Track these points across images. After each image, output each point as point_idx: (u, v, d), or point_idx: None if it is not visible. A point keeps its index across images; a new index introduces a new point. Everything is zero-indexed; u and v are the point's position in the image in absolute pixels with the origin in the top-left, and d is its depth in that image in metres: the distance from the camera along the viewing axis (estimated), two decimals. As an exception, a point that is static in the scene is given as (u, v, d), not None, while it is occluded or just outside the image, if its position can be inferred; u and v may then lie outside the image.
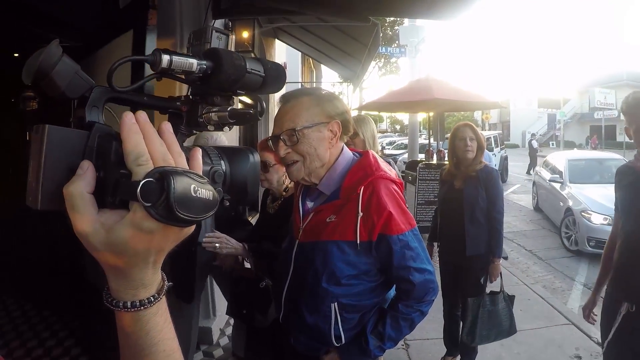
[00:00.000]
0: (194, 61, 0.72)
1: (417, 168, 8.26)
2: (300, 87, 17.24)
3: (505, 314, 3.45)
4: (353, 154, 1.76)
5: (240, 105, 3.55)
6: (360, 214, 1.56)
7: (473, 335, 3.41)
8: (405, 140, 21.64)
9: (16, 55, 4.85)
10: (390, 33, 20.64)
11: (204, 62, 0.72)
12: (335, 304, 1.62)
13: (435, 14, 4.57)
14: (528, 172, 20.36)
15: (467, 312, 3.45)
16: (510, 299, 3.51)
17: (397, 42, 18.38)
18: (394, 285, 1.75)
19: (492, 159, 15.55)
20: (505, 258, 7.37)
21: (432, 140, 10.22)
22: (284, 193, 2.57)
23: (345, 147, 1.76)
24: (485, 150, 3.94)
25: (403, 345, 4.24)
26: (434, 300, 1.70)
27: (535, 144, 23.15)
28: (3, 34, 2.84)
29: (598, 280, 2.71)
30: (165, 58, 0.68)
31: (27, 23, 2.78)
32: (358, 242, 1.57)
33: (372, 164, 1.67)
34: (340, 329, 1.64)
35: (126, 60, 0.67)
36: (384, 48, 18.00)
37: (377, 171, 1.64)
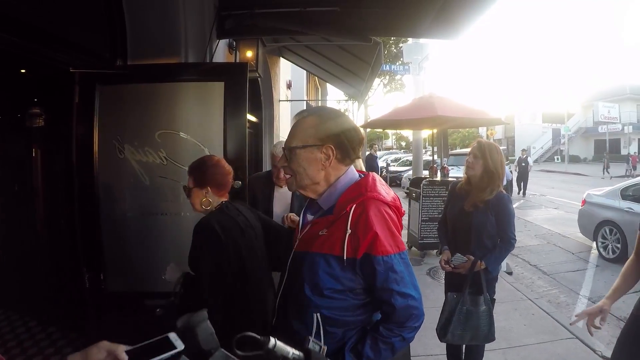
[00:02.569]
0: (291, 350, 1.14)
1: (421, 185, 8.29)
2: (305, 105, 17.38)
3: (485, 317, 3.32)
4: (359, 175, 1.80)
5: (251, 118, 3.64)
6: (349, 231, 1.59)
7: (445, 331, 3.34)
8: (410, 157, 21.56)
9: (23, 71, 4.94)
10: (395, 50, 20.79)
11: (298, 353, 1.20)
12: (318, 314, 1.64)
13: (436, 34, 4.65)
14: (521, 193, 19.22)
15: (445, 306, 3.40)
16: (492, 303, 3.41)
17: (401, 59, 18.54)
18: None
19: (509, 174, 15.44)
20: (510, 273, 7.37)
21: (436, 157, 10.22)
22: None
23: (352, 168, 1.80)
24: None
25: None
26: (417, 327, 1.65)
27: (530, 160, 20.34)
28: (10, 52, 2.93)
29: (615, 290, 2.57)
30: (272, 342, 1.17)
31: (32, 42, 2.86)
32: (345, 257, 1.59)
33: (367, 185, 1.70)
34: (322, 341, 1.63)
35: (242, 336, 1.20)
36: (388, 65, 18.20)
37: (370, 192, 1.66)
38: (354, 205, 1.62)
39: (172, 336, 1.18)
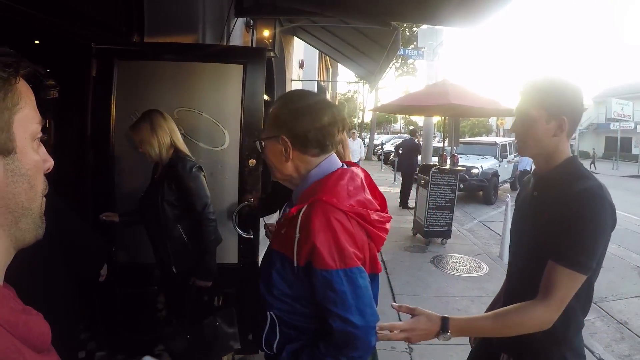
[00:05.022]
0: None
1: (430, 172, 8.26)
2: (316, 85, 17.24)
3: None
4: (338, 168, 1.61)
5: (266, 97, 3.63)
6: (297, 235, 1.43)
7: None
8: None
9: (37, 42, 4.93)
10: (408, 34, 20.59)
11: None
12: (272, 313, 1.53)
13: (456, 22, 4.58)
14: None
15: None
16: None
17: (415, 43, 18.36)
18: None
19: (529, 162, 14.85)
20: None
21: (446, 144, 10.18)
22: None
23: (331, 159, 1.60)
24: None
25: (407, 348, 4.26)
26: (358, 357, 1.45)
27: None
28: (25, 24, 2.94)
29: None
30: None
31: (45, 13, 2.87)
32: (295, 261, 1.44)
33: (325, 184, 1.50)
34: (273, 339, 1.55)
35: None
36: (401, 49, 18.00)
37: (324, 194, 1.45)
38: (304, 207, 1.45)
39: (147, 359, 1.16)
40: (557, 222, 1.54)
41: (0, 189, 0.65)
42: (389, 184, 17.14)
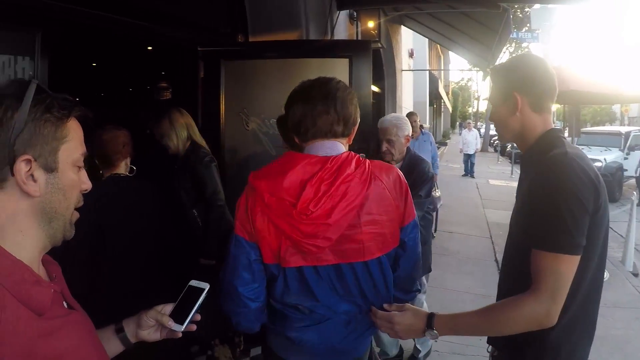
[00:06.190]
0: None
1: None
2: (427, 74, 16.76)
3: None
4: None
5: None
6: None
7: None
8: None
9: (149, 48, 5.23)
10: (520, 15, 19.20)
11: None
12: None
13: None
14: None
15: None
16: None
17: (528, 25, 17.18)
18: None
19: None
20: (636, 275, 6.45)
21: (566, 134, 9.39)
22: None
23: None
24: None
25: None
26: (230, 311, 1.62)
27: None
28: (138, 32, 3.25)
29: None
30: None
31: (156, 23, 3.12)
32: None
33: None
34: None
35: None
36: (515, 32, 16.92)
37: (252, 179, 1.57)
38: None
39: (194, 282, 1.29)
40: (530, 203, 1.41)
41: (41, 195, 0.88)
42: (506, 177, 16.10)
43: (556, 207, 1.30)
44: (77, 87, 5.58)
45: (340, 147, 1.55)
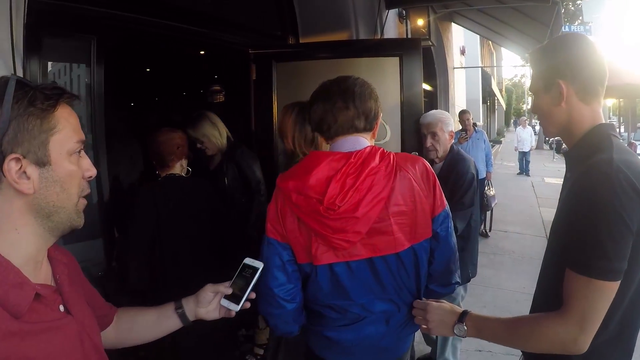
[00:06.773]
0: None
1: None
2: (480, 72, 16.39)
3: None
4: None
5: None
6: None
7: None
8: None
9: (202, 52, 5.38)
10: (572, 8, 18.59)
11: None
12: None
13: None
14: None
15: None
16: None
17: (580, 18, 16.61)
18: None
19: None
20: None
21: (622, 130, 9.04)
22: None
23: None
24: None
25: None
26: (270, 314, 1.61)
27: None
28: (191, 37, 3.35)
29: None
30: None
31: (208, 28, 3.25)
32: None
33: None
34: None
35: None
36: (567, 26, 16.38)
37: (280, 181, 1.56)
38: None
39: (248, 260, 1.34)
40: (567, 215, 1.24)
41: (35, 192, 0.86)
42: (562, 175, 15.34)
43: (595, 227, 1.13)
44: (132, 93, 5.75)
45: (363, 141, 1.54)
